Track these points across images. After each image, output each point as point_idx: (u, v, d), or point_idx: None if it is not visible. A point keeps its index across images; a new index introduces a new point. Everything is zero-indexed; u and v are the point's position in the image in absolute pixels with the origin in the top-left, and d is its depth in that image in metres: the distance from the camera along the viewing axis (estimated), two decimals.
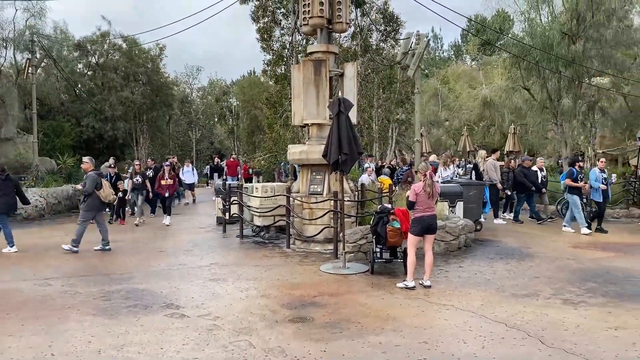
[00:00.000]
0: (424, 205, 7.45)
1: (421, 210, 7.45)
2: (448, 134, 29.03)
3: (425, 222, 7.44)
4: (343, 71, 10.97)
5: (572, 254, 9.87)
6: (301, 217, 10.62)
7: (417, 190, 7.49)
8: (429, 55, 55.61)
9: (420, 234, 7.51)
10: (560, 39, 15.78)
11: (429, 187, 7.48)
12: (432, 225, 7.55)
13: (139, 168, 14.89)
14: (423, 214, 7.45)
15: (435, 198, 7.59)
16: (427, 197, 7.44)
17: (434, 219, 7.59)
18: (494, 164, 14.06)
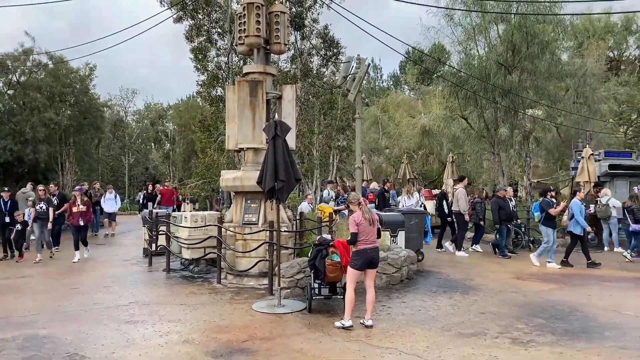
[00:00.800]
0: (367, 235, 6.88)
1: (363, 242, 6.87)
2: (388, 161, 29.07)
3: (367, 255, 6.84)
4: (281, 93, 10.40)
5: (515, 285, 9.59)
6: (234, 250, 9.80)
7: (358, 220, 6.91)
8: (369, 84, 56.54)
9: (362, 269, 6.90)
10: (497, 70, 16.03)
11: (367, 213, 6.95)
12: (375, 258, 6.97)
13: (44, 194, 13.17)
14: (365, 247, 6.87)
15: (376, 225, 7.04)
16: (369, 224, 6.88)
17: (377, 252, 7.02)
18: (464, 193, 13.66)
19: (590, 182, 14.66)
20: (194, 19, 14.37)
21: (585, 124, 18.76)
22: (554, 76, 16.48)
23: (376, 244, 6.96)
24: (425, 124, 26.20)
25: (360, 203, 7.05)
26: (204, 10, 14.12)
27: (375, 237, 7.00)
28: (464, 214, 13.45)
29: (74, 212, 12.47)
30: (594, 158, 15.02)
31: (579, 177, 14.90)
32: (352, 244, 6.92)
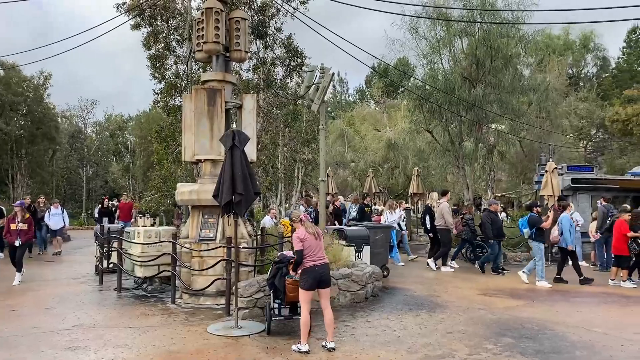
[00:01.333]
0: (314, 251, 6.45)
1: (310, 259, 6.42)
2: (354, 175, 28.86)
3: (316, 272, 6.38)
4: (241, 103, 9.95)
5: (483, 302, 9.32)
6: (189, 267, 9.23)
7: (302, 236, 6.49)
8: (335, 98, 56.62)
9: (313, 288, 6.43)
10: (461, 83, 16.01)
11: (311, 228, 6.57)
12: (325, 275, 6.49)
13: None
14: (313, 264, 6.41)
15: (322, 240, 6.65)
16: (314, 238, 6.48)
17: (327, 268, 6.55)
18: (448, 207, 13.25)
19: (554, 196, 14.66)
20: (152, 25, 13.81)
21: (547, 138, 18.96)
22: (518, 90, 16.58)
23: (325, 260, 6.53)
24: (390, 138, 26.12)
25: (301, 220, 6.67)
26: (162, 16, 13.58)
27: (323, 252, 6.59)
28: (451, 228, 13.03)
29: (12, 229, 11.29)
30: (557, 172, 15.06)
31: (543, 190, 14.90)
32: (298, 263, 6.52)
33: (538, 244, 11.24)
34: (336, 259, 9.52)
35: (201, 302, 9.11)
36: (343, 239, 11.16)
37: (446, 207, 13.11)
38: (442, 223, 13.03)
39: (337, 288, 8.90)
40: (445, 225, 13.02)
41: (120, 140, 39.96)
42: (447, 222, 12.98)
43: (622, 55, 39.89)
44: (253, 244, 10.12)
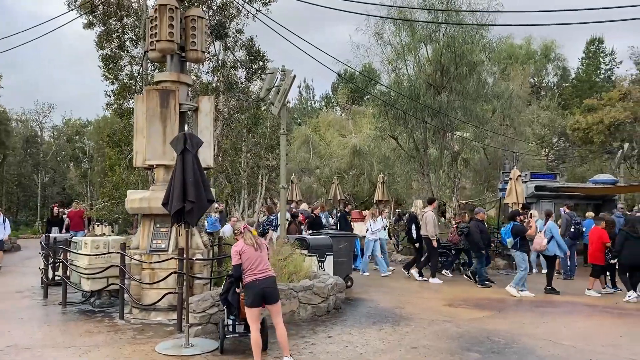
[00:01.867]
0: (255, 264, 6.03)
1: (251, 273, 6.00)
2: (319, 181, 28.49)
3: (257, 287, 5.93)
4: (198, 105, 9.42)
5: (448, 314, 9.02)
6: (139, 280, 8.62)
7: (239, 249, 6.11)
8: (301, 104, 56.29)
9: (256, 304, 5.98)
10: (426, 89, 15.86)
11: (250, 239, 6.15)
12: (269, 290, 6.00)
13: None
14: (254, 278, 5.97)
15: (264, 251, 6.21)
16: (254, 250, 6.07)
17: (271, 283, 6.07)
18: (433, 217, 12.70)
19: (519, 203, 14.61)
20: (105, 24, 13.11)
21: (511, 145, 19.02)
22: (482, 97, 16.55)
23: (268, 274, 6.08)
24: (355, 144, 25.88)
25: (241, 232, 6.26)
26: (116, 14, 12.90)
27: (267, 264, 6.15)
28: (433, 239, 12.50)
29: None
30: (521, 179, 15.04)
31: (508, 198, 14.85)
32: (237, 278, 6.10)
33: (522, 254, 10.92)
34: (297, 270, 9.07)
35: (152, 318, 8.50)
36: (305, 249, 10.72)
37: (431, 216, 12.59)
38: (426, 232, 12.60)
39: (298, 301, 8.45)
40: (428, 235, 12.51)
41: (78, 145, 38.49)
42: (429, 232, 12.42)
43: (581, 66, 40.96)
44: (209, 254, 9.57)
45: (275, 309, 6.14)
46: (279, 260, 8.91)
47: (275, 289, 6.15)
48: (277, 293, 6.15)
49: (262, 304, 6.08)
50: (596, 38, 41.08)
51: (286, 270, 8.86)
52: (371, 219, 13.42)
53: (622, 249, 10.62)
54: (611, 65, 40.51)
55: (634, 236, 10.47)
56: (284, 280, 8.67)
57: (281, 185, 10.19)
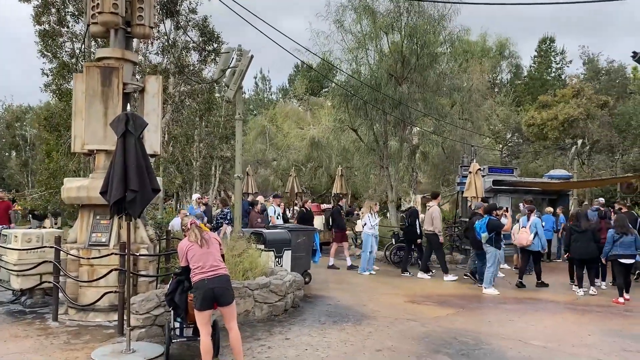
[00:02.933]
0: (200, 262, 5.42)
1: (199, 271, 5.39)
2: (276, 174, 27.75)
3: (206, 286, 5.31)
4: (144, 86, 8.59)
5: (412, 311, 8.59)
6: (76, 278, 7.77)
7: (185, 247, 5.55)
8: (257, 96, 55.26)
9: (206, 307, 5.34)
10: (387, 80, 15.44)
11: (196, 235, 5.56)
12: (220, 290, 5.36)
13: None
14: (203, 276, 5.36)
15: (213, 246, 5.62)
16: (200, 247, 5.47)
17: (222, 281, 5.43)
18: (439, 212, 12.15)
19: (478, 198, 14.42)
20: None
21: (469, 139, 18.90)
22: (442, 90, 16.29)
23: (219, 272, 5.45)
24: (314, 136, 25.30)
25: (188, 228, 5.69)
26: None
27: (217, 261, 5.54)
28: (440, 235, 12.00)
29: None
30: (480, 173, 14.85)
31: (467, 192, 14.64)
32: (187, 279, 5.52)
33: (495, 250, 10.63)
34: (252, 266, 8.43)
35: (90, 319, 7.68)
36: (262, 243, 10.08)
37: (437, 211, 12.11)
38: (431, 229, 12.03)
39: (253, 300, 7.81)
40: (433, 230, 11.96)
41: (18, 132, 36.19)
42: (435, 227, 11.90)
43: (534, 64, 41.82)
44: (155, 249, 8.78)
45: (229, 311, 5.51)
46: (233, 256, 8.24)
47: (228, 289, 5.51)
48: (230, 294, 5.52)
49: (214, 305, 5.43)
50: (548, 37, 42.01)
51: (241, 266, 8.21)
52: (369, 213, 12.65)
53: (570, 243, 10.71)
54: (562, 64, 41.55)
55: (578, 230, 10.52)
56: (238, 278, 8.02)
57: (236, 176, 9.49)
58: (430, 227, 12.06)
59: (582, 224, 10.59)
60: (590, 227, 10.59)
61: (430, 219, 12.10)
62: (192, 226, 5.70)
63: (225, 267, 5.66)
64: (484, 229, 10.65)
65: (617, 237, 9.98)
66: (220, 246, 5.83)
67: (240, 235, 8.95)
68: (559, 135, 22.04)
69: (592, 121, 21.55)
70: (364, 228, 12.60)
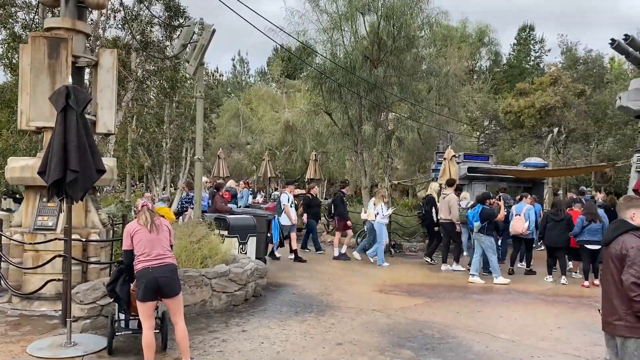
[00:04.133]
0: (147, 248, 5.02)
1: (144, 259, 4.98)
2: (249, 157, 27.17)
3: (150, 275, 4.90)
4: (97, 60, 8.01)
5: (378, 301, 8.27)
6: (17, 265, 7.24)
7: (131, 230, 5.14)
8: (235, 78, 54.26)
9: (149, 298, 4.93)
10: (362, 63, 14.98)
11: (145, 218, 5.16)
12: (165, 280, 4.95)
13: None
14: (148, 264, 4.95)
15: (163, 232, 5.22)
16: (149, 232, 5.08)
17: (168, 272, 5.01)
18: (457, 200, 11.77)
19: None
20: None
21: (445, 126, 18.63)
22: (419, 73, 15.89)
23: (166, 260, 5.05)
24: (288, 119, 24.76)
25: (139, 210, 5.28)
26: None
27: (165, 249, 5.14)
28: (457, 223, 11.61)
29: None
30: (455, 160, 14.59)
31: (442, 178, 14.34)
32: (128, 267, 5.09)
33: (490, 238, 10.49)
34: (212, 253, 7.97)
35: (35, 308, 7.18)
36: (225, 229, 9.64)
37: (455, 199, 11.74)
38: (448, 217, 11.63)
39: (211, 289, 7.38)
40: (451, 219, 11.58)
41: None
42: (453, 216, 11.51)
43: (513, 52, 41.74)
44: (109, 235, 8.28)
45: (174, 304, 5.08)
46: (191, 243, 7.78)
47: (175, 279, 5.08)
48: (176, 285, 5.08)
49: (158, 296, 5.01)
50: (527, 25, 41.93)
51: (199, 253, 7.74)
52: (382, 202, 12.12)
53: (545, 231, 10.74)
54: (540, 53, 41.54)
55: (555, 219, 10.57)
56: (196, 265, 7.58)
57: (197, 157, 8.97)
58: (448, 215, 11.68)
59: (560, 212, 10.64)
60: (566, 217, 10.60)
61: (447, 207, 11.68)
62: (144, 208, 5.28)
63: (173, 256, 5.24)
64: (477, 217, 10.47)
65: (586, 224, 10.21)
66: (170, 234, 5.39)
67: (199, 221, 8.48)
68: (536, 123, 21.92)
69: (568, 109, 21.45)
70: (377, 218, 11.97)
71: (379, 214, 11.89)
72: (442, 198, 11.98)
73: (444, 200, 11.86)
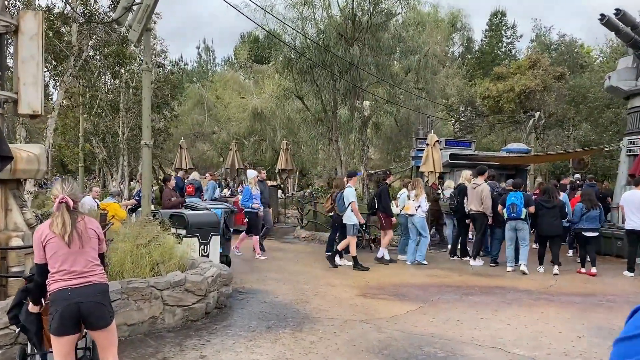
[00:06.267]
0: (64, 264, 3.64)
1: (61, 276, 3.62)
2: (215, 148, 25.59)
3: (69, 300, 3.56)
4: (18, 24, 6.51)
5: (364, 309, 7.06)
6: None
7: (43, 237, 3.67)
8: (200, 67, 52.28)
9: (66, 331, 3.58)
10: (336, 41, 13.72)
11: (61, 222, 3.63)
12: (90, 307, 3.61)
13: None
14: (65, 284, 3.60)
15: (89, 243, 3.76)
16: (64, 241, 3.62)
17: (95, 293, 3.67)
18: (489, 190, 10.63)
19: (435, 172, 13.09)
20: None
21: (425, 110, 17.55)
22: (397, 54, 14.73)
23: (91, 279, 3.69)
24: (257, 106, 23.28)
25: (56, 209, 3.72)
26: None
27: (92, 263, 3.74)
28: (490, 215, 10.56)
29: None
30: (438, 146, 13.49)
31: (423, 166, 13.25)
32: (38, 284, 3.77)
33: (527, 226, 10.01)
34: (165, 258, 6.63)
35: None
36: (183, 228, 8.29)
37: (488, 189, 10.60)
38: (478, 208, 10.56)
39: (162, 303, 6.04)
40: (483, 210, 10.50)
41: None
42: (486, 207, 10.45)
43: (485, 38, 41.12)
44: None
45: (105, 337, 3.75)
46: (138, 247, 6.43)
47: (104, 305, 3.72)
48: (106, 312, 3.72)
49: (80, 327, 3.67)
50: (499, 11, 41.36)
51: (148, 259, 6.40)
52: (423, 195, 10.74)
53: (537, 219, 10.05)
54: (512, 39, 41.04)
55: (546, 206, 9.91)
56: (144, 274, 6.23)
57: (144, 142, 7.56)
58: (480, 207, 10.56)
59: (553, 199, 9.88)
60: (559, 204, 9.92)
61: (479, 198, 10.54)
62: (61, 207, 3.77)
63: (102, 272, 3.85)
64: (522, 204, 9.78)
65: (585, 211, 9.90)
66: (101, 242, 3.95)
67: (148, 219, 7.10)
68: (515, 108, 21.07)
69: (548, 93, 20.66)
70: (418, 211, 10.65)
71: (422, 207, 10.63)
72: (473, 188, 10.78)
73: (474, 190, 10.68)
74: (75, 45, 9.33)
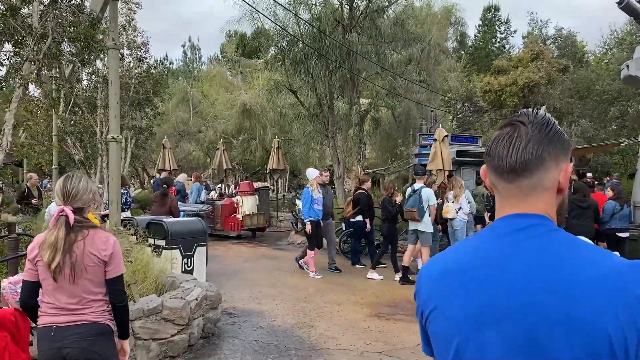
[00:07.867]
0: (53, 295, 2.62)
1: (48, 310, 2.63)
2: (201, 147, 24.23)
3: (51, 344, 2.54)
4: None
5: (381, 335, 5.84)
6: None
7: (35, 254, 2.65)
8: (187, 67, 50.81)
9: None
10: (333, 28, 12.53)
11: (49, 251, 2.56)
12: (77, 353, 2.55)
13: None
14: (52, 320, 2.58)
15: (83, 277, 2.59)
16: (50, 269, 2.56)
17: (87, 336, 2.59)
18: None
19: (445, 171, 11.90)
20: None
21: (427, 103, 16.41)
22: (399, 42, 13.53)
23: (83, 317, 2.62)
24: (245, 102, 21.96)
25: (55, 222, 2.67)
26: None
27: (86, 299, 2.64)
28: None
29: None
30: (447, 141, 12.30)
31: (431, 164, 12.03)
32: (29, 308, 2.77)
33: None
34: (138, 277, 5.38)
35: None
36: (162, 238, 7.03)
37: None
38: None
39: (132, 337, 4.78)
40: None
41: None
42: None
43: (478, 34, 40.21)
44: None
45: None
46: None
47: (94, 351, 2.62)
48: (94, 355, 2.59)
49: None
50: (492, 6, 40.45)
51: None
52: (463, 195, 9.33)
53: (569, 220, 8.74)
54: (506, 34, 40.15)
55: (581, 206, 8.75)
56: None
57: (111, 136, 6.29)
58: None
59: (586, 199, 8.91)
60: (593, 203, 8.90)
61: None
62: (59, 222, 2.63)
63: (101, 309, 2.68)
64: None
65: (618, 209, 8.83)
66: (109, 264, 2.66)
67: (118, 229, 5.83)
68: (519, 102, 20.01)
69: (553, 86, 19.63)
70: (459, 213, 9.33)
71: (463, 209, 9.28)
72: None
73: None
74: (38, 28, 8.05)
